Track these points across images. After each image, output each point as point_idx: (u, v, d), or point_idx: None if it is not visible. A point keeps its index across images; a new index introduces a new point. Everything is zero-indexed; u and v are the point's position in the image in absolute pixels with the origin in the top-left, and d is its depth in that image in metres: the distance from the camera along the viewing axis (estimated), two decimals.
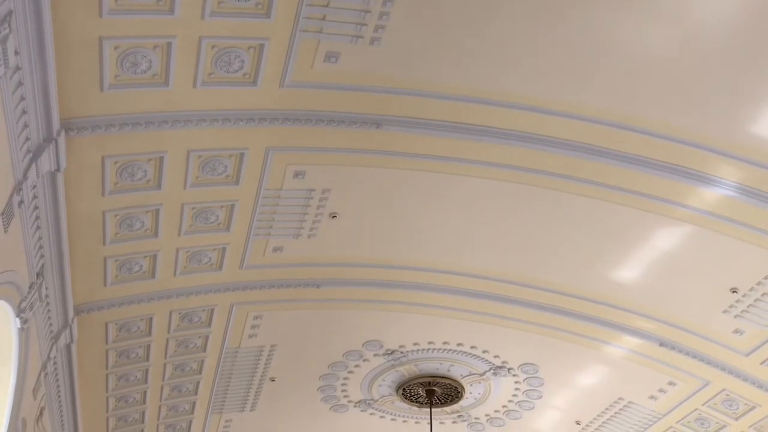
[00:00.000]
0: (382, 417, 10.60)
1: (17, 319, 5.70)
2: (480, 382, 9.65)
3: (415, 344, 9.10)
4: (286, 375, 9.59)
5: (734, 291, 7.42)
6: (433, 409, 10.03)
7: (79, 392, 8.24)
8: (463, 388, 9.75)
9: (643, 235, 7.14)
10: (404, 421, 10.70)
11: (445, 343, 9.06)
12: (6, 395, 5.71)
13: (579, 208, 6.94)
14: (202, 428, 10.37)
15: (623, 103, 5.85)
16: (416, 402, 10.10)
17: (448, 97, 5.89)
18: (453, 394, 9.88)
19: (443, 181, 6.80)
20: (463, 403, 10.07)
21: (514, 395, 9.81)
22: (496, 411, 10.21)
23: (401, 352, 9.23)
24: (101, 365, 8.31)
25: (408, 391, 9.89)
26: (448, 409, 10.23)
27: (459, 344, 9.04)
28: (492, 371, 9.38)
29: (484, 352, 9.14)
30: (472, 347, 9.07)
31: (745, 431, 9.07)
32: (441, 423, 10.45)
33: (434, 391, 9.83)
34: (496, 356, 9.16)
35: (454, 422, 10.56)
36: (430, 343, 9.08)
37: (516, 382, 9.54)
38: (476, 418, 10.43)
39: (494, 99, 5.92)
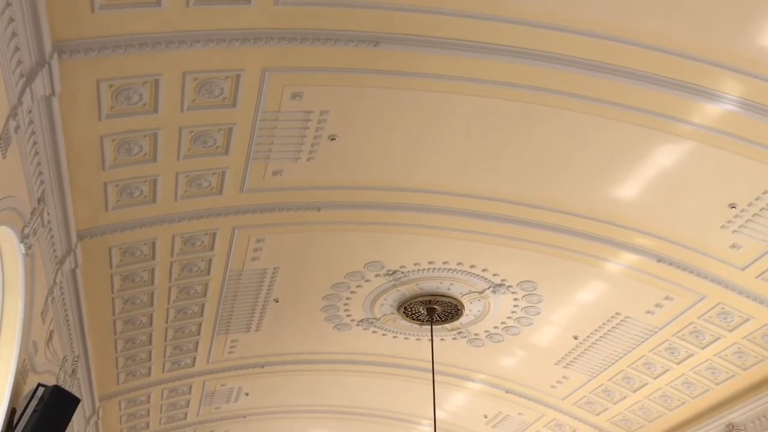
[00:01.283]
0: (384, 335, 10.86)
1: (21, 245, 5.75)
2: (479, 300, 9.82)
3: (415, 264, 9.21)
4: (290, 296, 9.75)
5: (732, 206, 7.47)
6: (433, 327, 10.25)
7: (87, 316, 8.40)
8: (463, 306, 9.93)
9: (643, 151, 7.13)
10: (405, 339, 10.97)
11: (445, 262, 9.17)
12: (16, 319, 5.83)
13: (579, 125, 6.90)
14: (209, 349, 10.63)
15: (623, 16, 5.72)
16: (417, 320, 10.31)
17: (447, 13, 5.75)
18: (453, 311, 10.08)
19: (442, 100, 6.73)
20: (462, 320, 10.28)
21: (513, 312, 10.00)
22: (495, 327, 10.43)
23: (402, 273, 9.35)
24: (107, 289, 8.44)
25: (409, 309, 10.08)
26: (448, 326, 10.46)
27: (459, 263, 9.15)
28: (491, 289, 9.53)
29: (484, 270, 9.25)
30: (472, 266, 9.18)
31: (738, 342, 9.33)
32: (441, 340, 10.70)
33: (435, 309, 10.02)
34: (495, 274, 9.29)
35: (454, 339, 10.82)
36: (430, 263, 9.18)
37: (515, 300, 9.71)
38: (476, 335, 10.67)
39: (492, 14, 5.79)
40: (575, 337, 10.32)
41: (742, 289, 8.44)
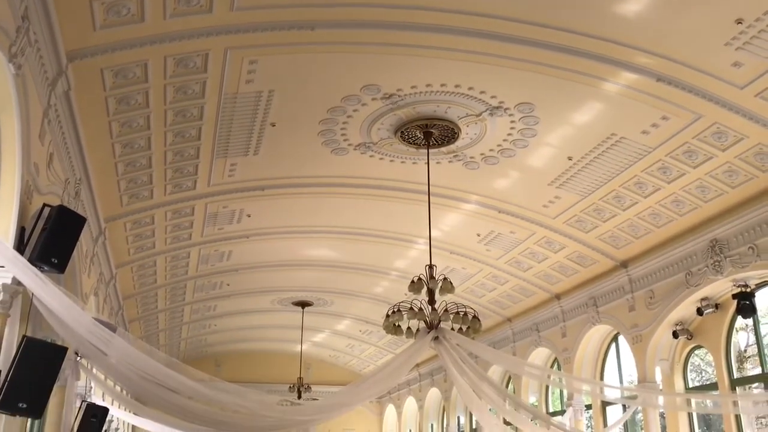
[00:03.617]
0: (381, 159, 10.97)
1: (10, 65, 5.65)
2: (476, 123, 9.81)
3: (413, 87, 9.08)
4: (286, 120, 9.73)
5: (739, 22, 7.25)
6: (430, 150, 10.32)
7: (85, 139, 8.44)
8: (460, 129, 9.94)
9: None
10: (402, 162, 11.10)
11: (442, 85, 9.03)
12: (14, 139, 5.86)
13: None
14: (208, 172, 10.79)
15: None
16: (414, 144, 10.36)
17: None
18: (449, 135, 10.10)
19: None
20: (459, 143, 10.34)
21: (509, 134, 10.04)
22: (491, 150, 10.52)
23: (399, 96, 9.24)
24: (102, 112, 8.41)
25: (406, 133, 10.10)
26: (444, 149, 10.54)
27: (456, 86, 9.02)
28: (488, 111, 9.49)
29: (481, 92, 9.15)
30: (470, 88, 9.06)
31: (730, 161, 9.47)
32: (438, 163, 10.83)
33: (431, 133, 10.03)
34: (492, 96, 9.20)
35: (450, 162, 10.95)
36: (427, 85, 9.05)
37: (511, 122, 9.70)
38: (471, 158, 10.79)
39: None
40: (569, 158, 10.45)
41: (739, 108, 8.43)
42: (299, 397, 18.97)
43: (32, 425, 9.49)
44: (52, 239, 6.32)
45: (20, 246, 6.25)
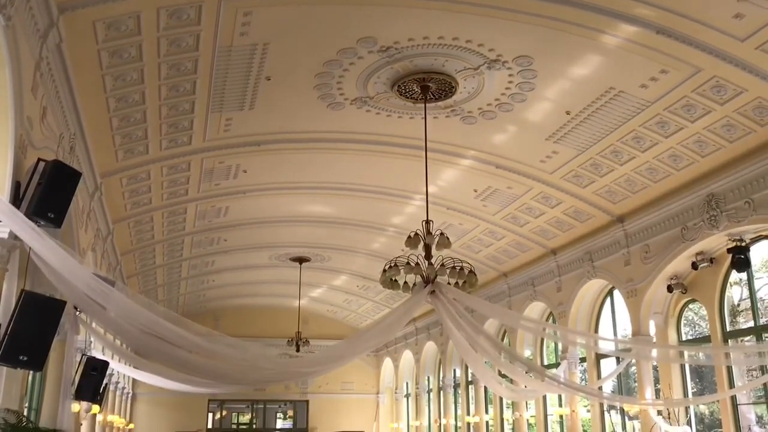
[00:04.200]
0: (377, 113, 10.88)
1: (0, 16, 5.55)
2: (474, 77, 9.71)
3: (410, 40, 8.95)
4: (282, 74, 9.62)
5: None
6: (427, 105, 10.22)
7: (78, 93, 8.35)
8: (457, 83, 9.84)
9: None
10: (399, 117, 11.01)
11: (440, 38, 8.90)
12: (6, 90, 5.80)
13: None
14: (204, 127, 10.71)
15: None
16: (411, 98, 10.26)
17: None
18: (447, 89, 9.99)
19: None
20: (456, 98, 10.25)
21: (507, 88, 9.94)
22: (489, 104, 10.44)
23: (396, 49, 9.11)
24: (95, 66, 8.30)
25: (403, 87, 9.99)
26: (441, 104, 10.45)
27: (454, 38, 8.89)
28: (486, 65, 9.38)
29: (479, 45, 9.02)
30: (467, 41, 8.94)
31: (729, 116, 9.42)
32: (435, 118, 10.75)
33: (428, 87, 9.92)
34: (491, 50, 9.08)
35: (447, 117, 10.87)
36: (425, 38, 8.91)
37: (510, 75, 9.60)
38: (469, 112, 10.72)
39: None
40: (567, 113, 10.39)
41: (739, 61, 8.34)
42: (297, 350, 19.21)
43: (33, 379, 9.62)
44: (47, 194, 6.31)
45: (16, 201, 6.24)
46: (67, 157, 8.29)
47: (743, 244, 10.70)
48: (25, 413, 7.64)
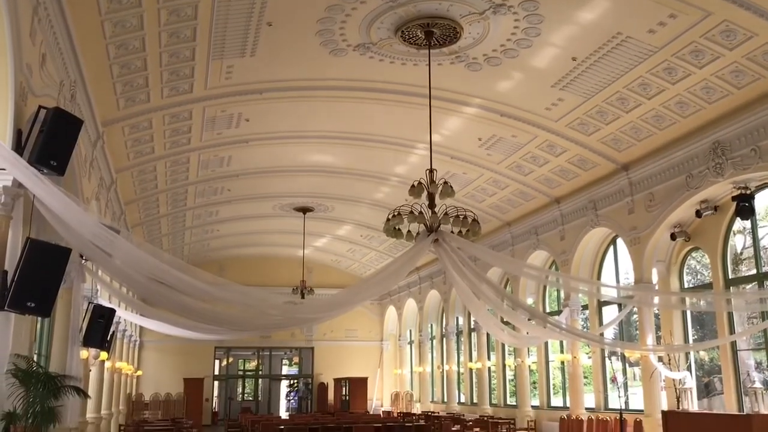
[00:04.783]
0: (381, 60, 10.71)
1: None
2: (479, 22, 9.52)
3: None
4: (283, 19, 9.44)
5: None
6: (431, 51, 10.07)
7: (77, 40, 8.22)
8: (462, 29, 9.66)
9: None
10: (403, 64, 10.85)
11: None
12: (4, 37, 5.70)
13: None
14: (205, 74, 10.58)
15: None
16: (414, 44, 10.09)
17: None
18: (451, 34, 9.82)
19: None
20: (461, 43, 10.07)
21: (513, 34, 9.76)
22: (494, 50, 10.27)
23: None
24: (94, 11, 8.16)
25: (406, 33, 9.81)
26: (446, 50, 10.27)
27: None
28: (491, 9, 9.19)
29: None
30: None
31: (737, 61, 9.27)
32: (439, 64, 10.60)
33: (433, 33, 9.75)
34: None
35: (451, 63, 10.71)
36: None
37: (515, 20, 9.41)
38: (474, 59, 10.55)
39: None
40: (573, 59, 10.23)
41: (751, 4, 8.16)
42: (302, 298, 19.38)
43: (42, 326, 9.75)
44: (49, 141, 6.26)
45: (18, 149, 6.20)
46: (68, 105, 8.21)
47: (748, 191, 10.67)
48: (35, 360, 7.75)
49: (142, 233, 18.20)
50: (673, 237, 12.26)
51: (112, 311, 10.32)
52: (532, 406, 16.90)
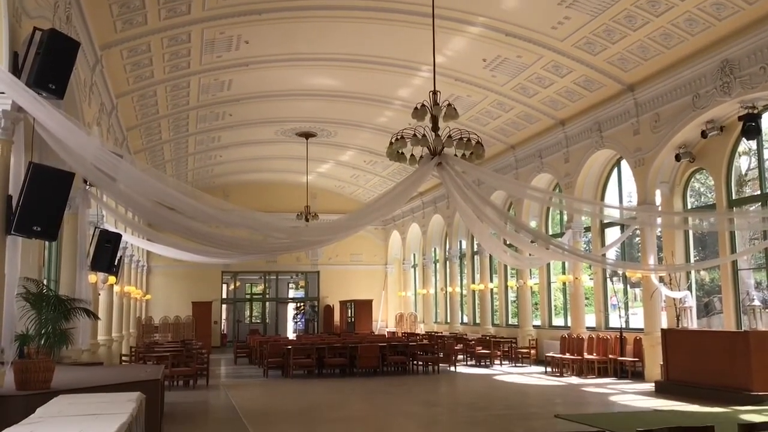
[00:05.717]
0: None
1: None
2: None
3: None
4: None
5: None
6: None
7: None
8: None
9: None
10: None
11: None
12: None
13: None
14: None
15: None
16: None
17: None
18: None
19: None
20: None
21: None
22: None
23: None
24: None
25: None
26: None
27: None
28: None
29: None
30: None
31: None
32: None
33: None
34: None
35: None
36: None
37: None
38: None
39: None
40: None
41: None
42: (307, 222, 19.48)
43: (50, 251, 9.87)
44: (47, 63, 6.16)
45: (15, 72, 6.12)
46: (64, 27, 8.04)
47: (755, 111, 10.54)
48: (45, 284, 7.87)
49: (146, 159, 18.17)
50: (677, 158, 12.20)
51: (119, 236, 10.42)
52: (534, 326, 17.24)
